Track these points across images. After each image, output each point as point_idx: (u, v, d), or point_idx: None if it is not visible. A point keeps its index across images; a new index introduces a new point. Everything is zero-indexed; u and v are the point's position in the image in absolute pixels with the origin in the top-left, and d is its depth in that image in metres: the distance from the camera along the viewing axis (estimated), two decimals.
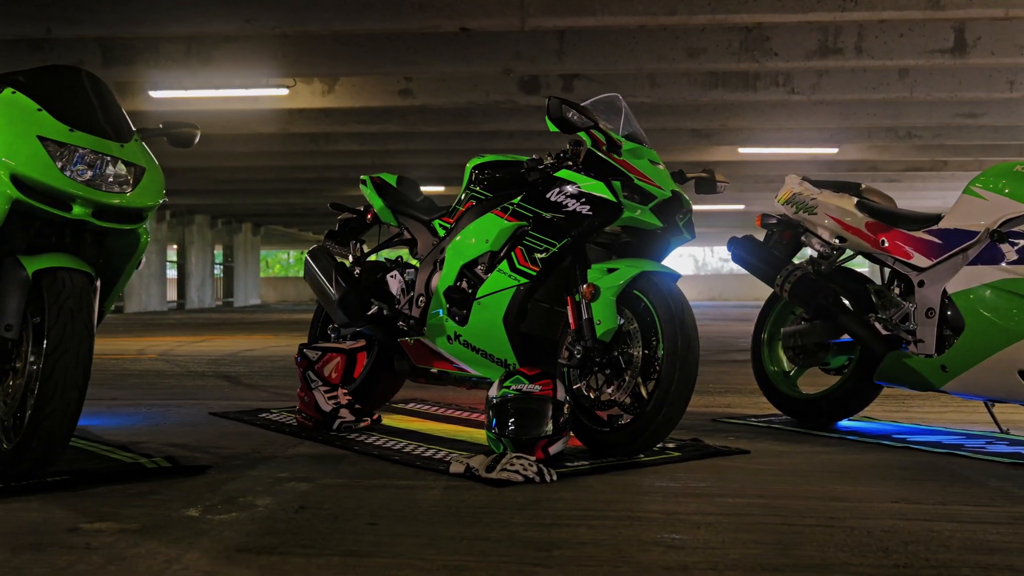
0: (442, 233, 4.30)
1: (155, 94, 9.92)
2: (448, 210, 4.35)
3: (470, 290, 3.95)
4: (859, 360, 4.18)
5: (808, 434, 4.12)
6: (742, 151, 14.26)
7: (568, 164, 3.74)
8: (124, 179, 3.09)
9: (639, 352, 3.50)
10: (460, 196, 4.24)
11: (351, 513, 2.64)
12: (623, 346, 3.53)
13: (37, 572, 2.13)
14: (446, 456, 3.43)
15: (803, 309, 4.34)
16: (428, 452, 3.54)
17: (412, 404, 4.98)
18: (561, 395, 3.38)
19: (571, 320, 3.61)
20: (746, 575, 2.14)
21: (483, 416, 3.47)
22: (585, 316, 3.54)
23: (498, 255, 3.88)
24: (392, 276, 4.53)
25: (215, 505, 2.72)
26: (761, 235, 4.71)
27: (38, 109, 3.03)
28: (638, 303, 3.52)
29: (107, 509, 2.66)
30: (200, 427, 4.19)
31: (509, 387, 3.40)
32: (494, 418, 3.39)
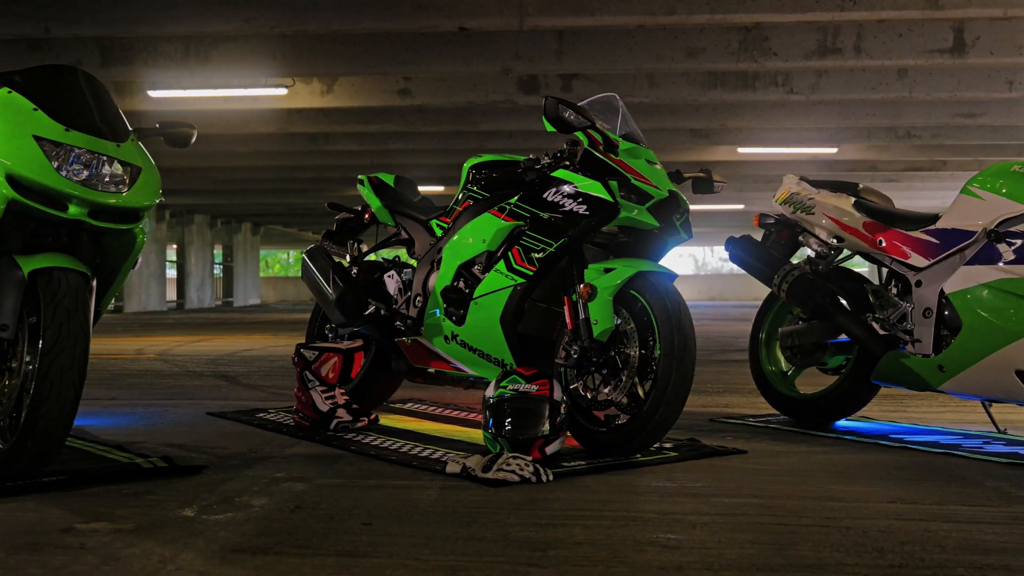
0: (439, 233, 4.30)
1: (154, 94, 9.92)
2: (445, 210, 4.34)
3: (467, 290, 3.95)
4: (856, 360, 4.18)
5: (805, 434, 4.12)
6: (741, 151, 14.26)
7: (565, 164, 3.73)
8: (120, 179, 3.09)
9: (636, 352, 3.50)
10: (457, 196, 4.24)
11: (347, 513, 2.64)
12: (620, 346, 3.53)
13: (32, 572, 2.12)
14: (443, 456, 3.42)
15: (801, 309, 4.34)
16: (425, 452, 3.54)
17: (410, 404, 4.97)
18: (558, 395, 3.38)
19: (568, 320, 3.60)
20: (741, 575, 2.14)
21: (480, 416, 3.47)
22: (582, 316, 3.54)
23: (495, 255, 3.88)
24: (389, 276, 4.53)
25: (211, 505, 2.72)
26: (759, 235, 4.71)
27: (34, 109, 3.03)
28: (635, 303, 3.52)
29: (102, 509, 2.66)
30: (197, 427, 4.19)
31: (506, 387, 3.39)
32: (491, 418, 3.39)
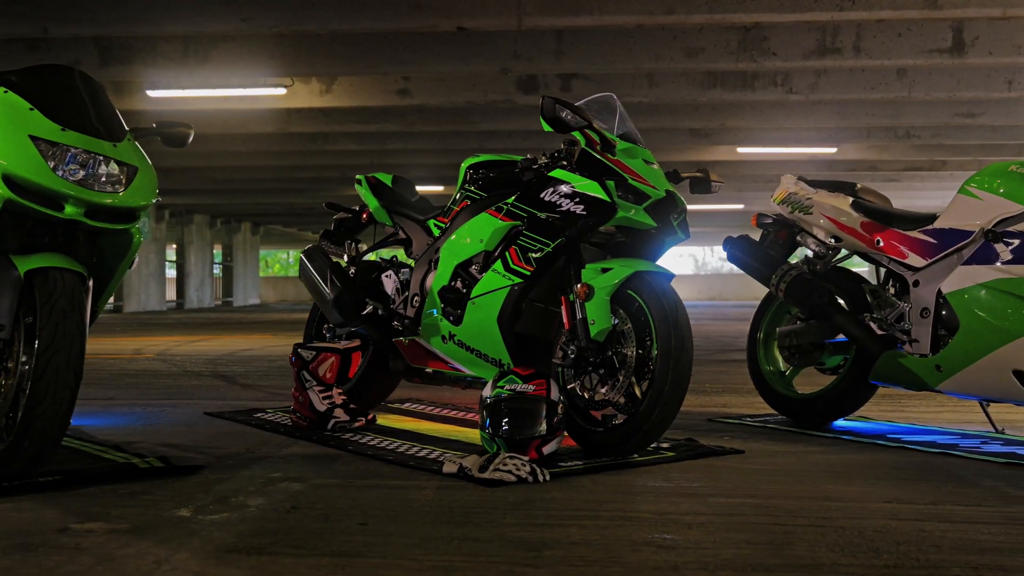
0: (437, 233, 4.29)
1: (153, 93, 9.92)
2: (443, 210, 4.34)
3: (464, 290, 3.95)
4: (854, 360, 4.17)
5: (803, 434, 4.11)
6: (741, 151, 14.27)
7: (562, 164, 3.73)
8: (116, 179, 3.09)
9: (633, 352, 3.49)
10: (455, 196, 4.23)
11: (343, 513, 2.64)
12: (617, 346, 3.53)
13: (26, 572, 2.12)
14: (440, 456, 3.42)
15: (798, 309, 4.33)
16: (422, 452, 3.54)
17: (408, 404, 4.97)
18: (555, 395, 3.38)
19: (565, 320, 3.60)
20: (736, 575, 2.13)
21: (478, 416, 3.47)
22: (579, 316, 3.53)
23: (492, 255, 3.88)
24: (387, 276, 4.52)
25: (207, 505, 2.72)
26: (757, 235, 4.71)
27: (30, 108, 3.03)
28: (632, 303, 3.52)
29: (98, 509, 2.66)
30: (195, 427, 4.19)
31: (503, 387, 3.39)
32: (488, 418, 3.38)
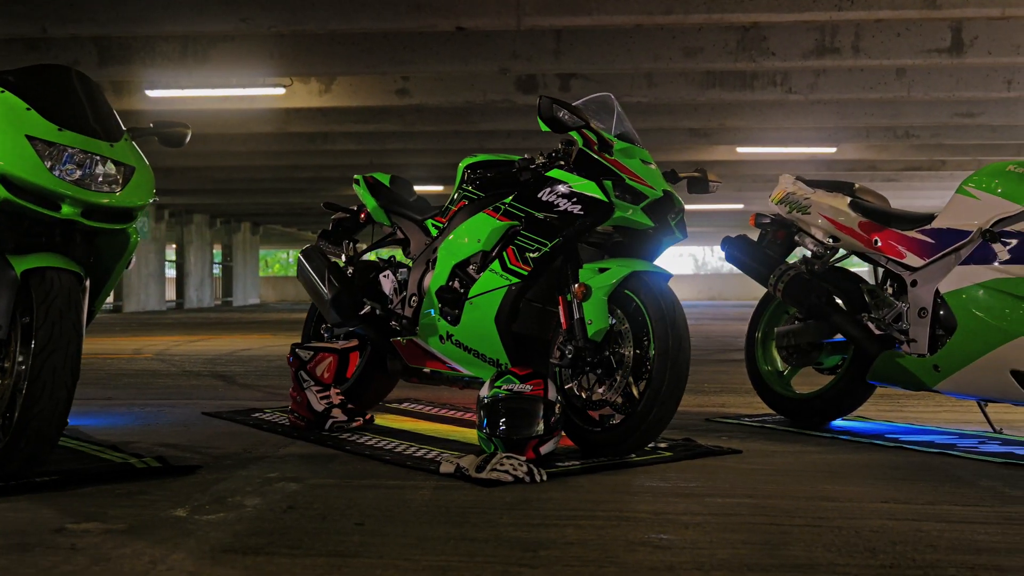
0: (435, 233, 4.29)
1: (152, 93, 9.92)
2: (441, 210, 4.34)
3: (462, 290, 3.94)
4: (852, 360, 4.17)
5: (801, 434, 4.11)
6: (740, 151, 14.27)
7: (560, 164, 3.73)
8: (113, 178, 3.09)
9: (630, 352, 3.49)
10: (452, 196, 4.24)
11: (339, 513, 2.64)
12: (614, 346, 3.53)
13: (22, 573, 2.12)
14: (437, 456, 3.42)
15: (796, 309, 4.33)
16: (419, 452, 3.54)
17: (406, 404, 4.97)
18: (552, 395, 3.38)
19: (562, 320, 3.60)
20: (732, 575, 2.13)
21: (475, 416, 3.47)
22: (576, 316, 3.53)
23: (490, 255, 3.88)
24: (385, 276, 4.52)
25: (203, 505, 2.72)
26: (755, 235, 4.71)
27: (27, 108, 3.03)
28: (629, 303, 3.52)
29: (94, 509, 2.66)
30: (192, 427, 4.19)
31: (500, 387, 3.39)
32: (485, 418, 3.38)
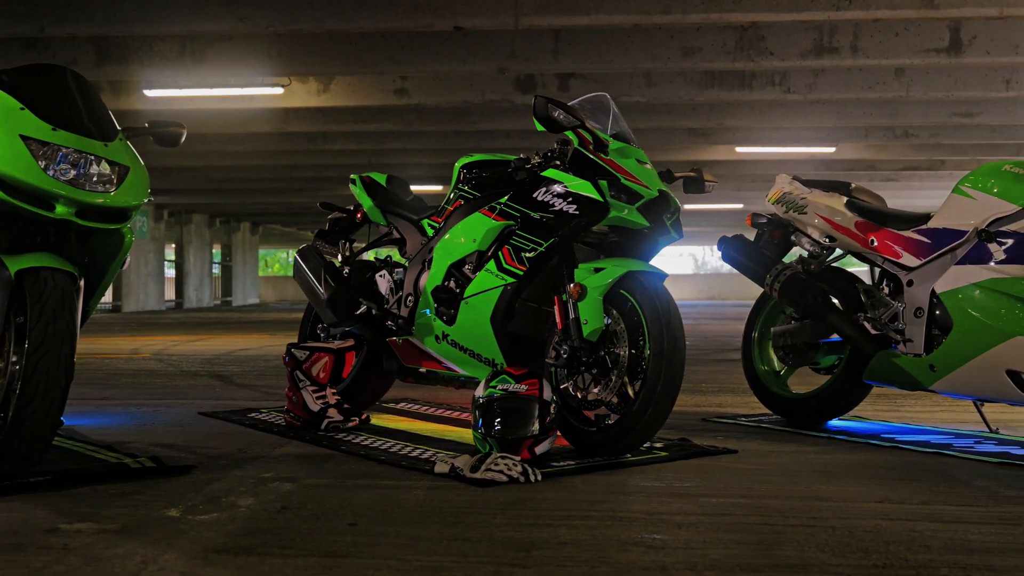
0: (431, 232, 4.29)
1: (150, 93, 9.92)
2: (437, 209, 4.34)
3: (458, 289, 3.94)
4: (848, 359, 4.17)
5: (797, 434, 4.11)
6: (739, 150, 14.27)
7: (555, 163, 3.73)
8: (108, 178, 3.08)
9: (626, 352, 3.49)
10: (448, 195, 4.23)
11: (333, 513, 2.63)
12: (610, 346, 3.53)
13: (13, 573, 2.12)
14: (432, 456, 3.42)
15: (793, 308, 4.33)
16: (415, 452, 3.54)
17: (402, 404, 4.97)
18: (547, 395, 3.37)
19: (558, 319, 3.60)
20: (724, 575, 2.13)
21: (471, 416, 3.46)
22: (572, 316, 3.53)
23: (486, 254, 3.87)
24: (381, 275, 4.52)
25: (197, 505, 2.71)
26: (752, 234, 4.70)
27: (21, 108, 3.02)
28: (625, 303, 3.51)
29: (88, 509, 2.66)
30: (188, 427, 4.19)
31: (495, 387, 3.39)
32: (480, 418, 3.38)
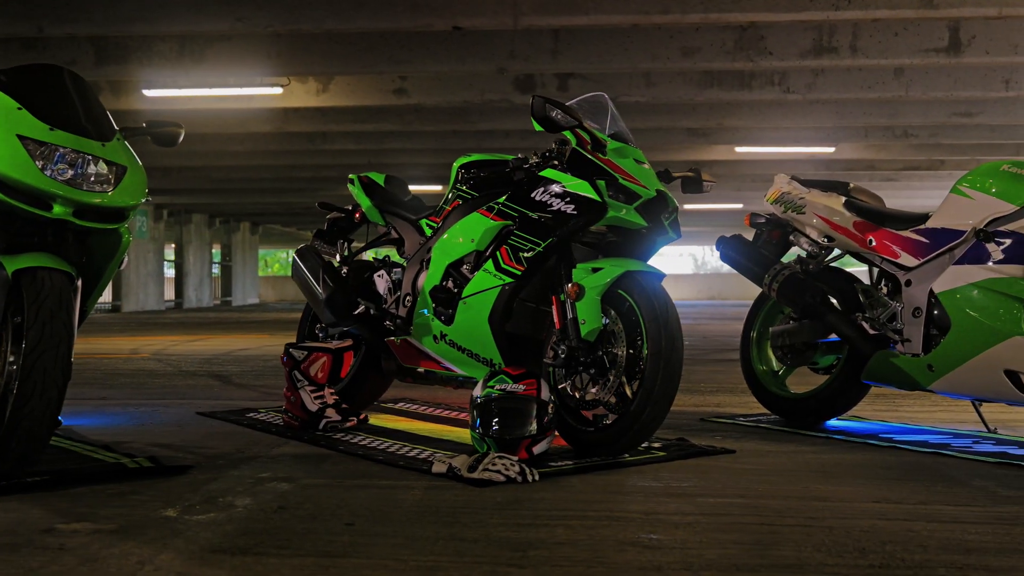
0: (429, 232, 4.29)
1: (149, 93, 9.92)
2: (435, 209, 4.34)
3: (456, 289, 3.94)
4: (847, 359, 4.17)
5: (795, 433, 4.11)
6: (739, 150, 14.26)
7: (553, 163, 3.73)
8: (105, 178, 3.08)
9: (623, 352, 3.49)
10: (447, 195, 4.23)
11: (329, 513, 2.63)
12: (607, 346, 3.52)
13: (8, 573, 2.12)
14: (430, 456, 3.42)
15: (791, 308, 4.33)
16: (412, 452, 3.54)
17: (401, 404, 4.97)
18: (545, 395, 3.37)
19: (556, 319, 3.60)
20: (721, 575, 2.13)
21: (469, 416, 3.46)
22: (570, 315, 3.53)
23: (484, 254, 3.87)
24: (379, 275, 4.52)
25: (194, 505, 2.71)
26: (750, 234, 4.70)
27: (18, 108, 3.02)
28: (623, 303, 3.51)
29: (84, 509, 2.65)
30: (186, 427, 4.18)
31: (493, 387, 3.39)
32: (478, 418, 3.38)
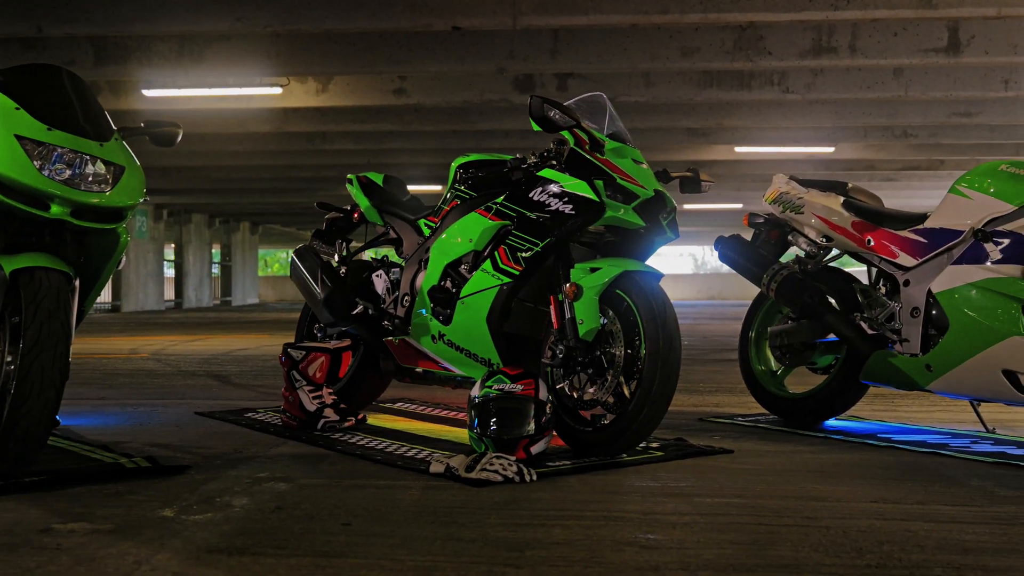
0: (427, 232, 4.29)
1: (148, 93, 9.91)
2: (433, 209, 4.34)
3: (454, 289, 3.94)
4: (845, 359, 4.17)
5: (793, 433, 4.11)
6: (738, 150, 14.26)
7: (551, 163, 3.72)
8: (103, 178, 3.08)
9: (621, 352, 3.49)
10: (445, 195, 4.23)
11: (327, 513, 2.63)
12: (605, 346, 3.52)
13: (5, 572, 2.12)
14: (427, 456, 3.42)
15: (790, 308, 4.33)
16: (410, 452, 3.53)
17: (399, 404, 4.97)
18: (543, 395, 3.37)
19: (554, 319, 3.60)
20: (718, 575, 2.13)
21: (467, 416, 3.46)
22: (568, 316, 3.53)
23: (482, 254, 3.87)
24: (378, 275, 4.52)
25: (191, 505, 2.71)
26: (749, 234, 4.70)
27: (16, 108, 3.02)
28: (621, 303, 3.51)
29: (82, 509, 2.65)
30: (185, 427, 4.18)
31: (491, 387, 3.38)
32: (476, 418, 3.38)
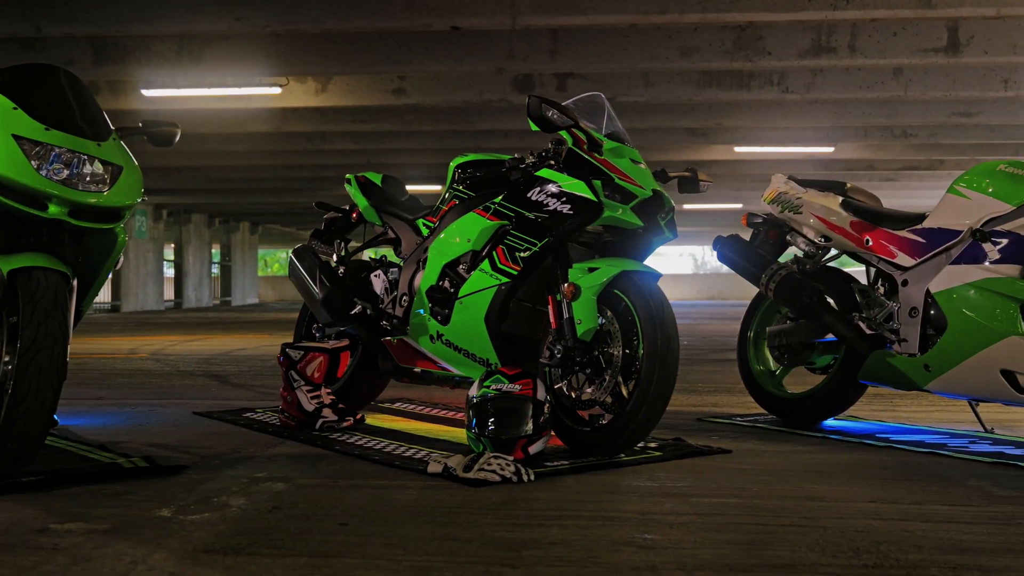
0: (426, 232, 4.29)
1: (148, 93, 9.91)
2: (432, 209, 4.34)
3: (452, 289, 3.94)
4: (844, 359, 4.17)
5: (792, 433, 4.11)
6: (738, 150, 14.25)
7: (550, 163, 3.72)
8: (101, 178, 3.08)
9: (619, 352, 3.49)
10: (443, 195, 4.23)
11: (324, 513, 2.63)
12: (603, 346, 3.52)
13: (2, 573, 2.11)
14: (425, 456, 3.41)
15: (788, 308, 4.33)
16: (408, 452, 3.53)
17: (398, 404, 4.97)
18: (541, 394, 3.37)
19: (552, 319, 3.60)
20: (715, 575, 2.13)
21: (465, 416, 3.46)
22: (566, 315, 3.53)
23: (480, 254, 3.87)
24: (376, 275, 4.52)
25: (188, 505, 2.71)
26: (747, 234, 4.70)
27: (13, 108, 3.02)
28: (619, 303, 3.51)
29: (79, 509, 2.65)
30: (183, 427, 4.18)
31: (489, 386, 3.38)
32: (474, 418, 3.38)
